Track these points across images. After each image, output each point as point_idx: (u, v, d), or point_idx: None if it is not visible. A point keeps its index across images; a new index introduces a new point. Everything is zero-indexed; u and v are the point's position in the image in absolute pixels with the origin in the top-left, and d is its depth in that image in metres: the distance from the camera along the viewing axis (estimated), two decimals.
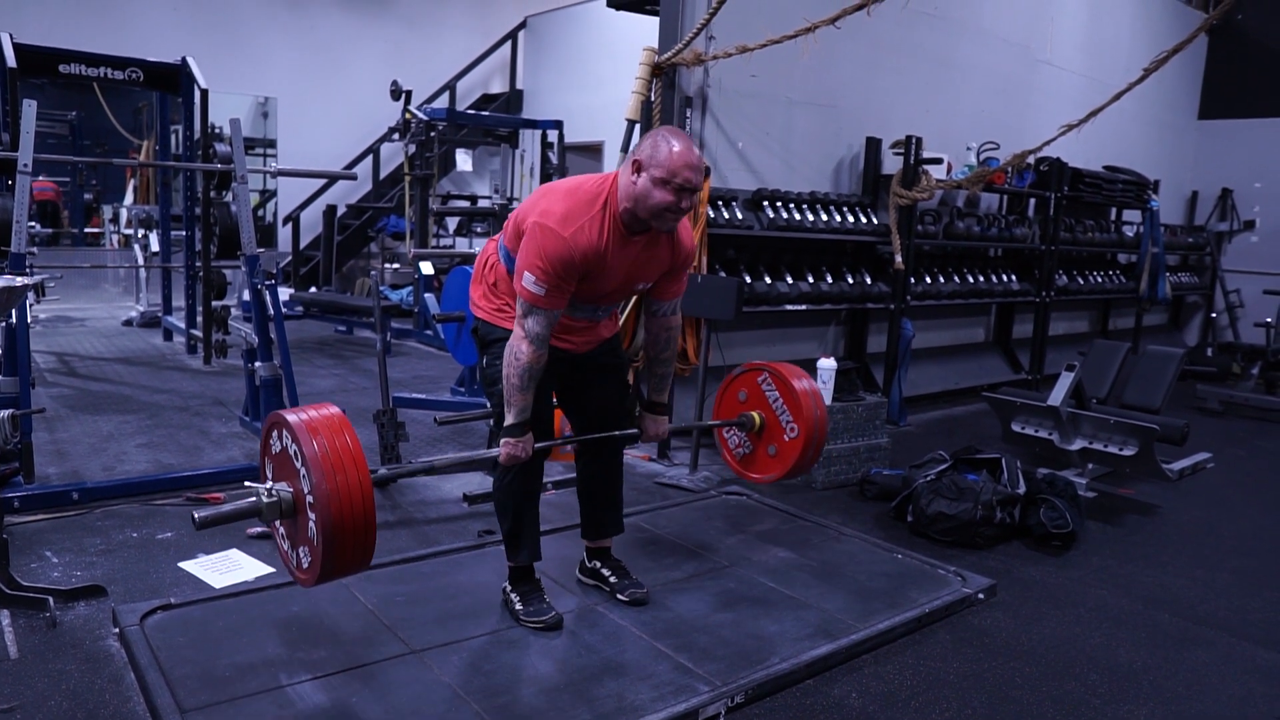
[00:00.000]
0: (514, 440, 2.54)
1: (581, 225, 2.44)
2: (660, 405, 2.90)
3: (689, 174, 2.40)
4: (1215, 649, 2.91)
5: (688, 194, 2.43)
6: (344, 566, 2.16)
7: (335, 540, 2.07)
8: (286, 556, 2.30)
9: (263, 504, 2.17)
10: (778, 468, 3.26)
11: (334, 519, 2.06)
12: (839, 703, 2.46)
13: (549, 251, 2.41)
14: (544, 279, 2.42)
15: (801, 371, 3.26)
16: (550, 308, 2.46)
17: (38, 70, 5.83)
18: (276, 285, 4.29)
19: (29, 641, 2.53)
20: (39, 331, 7.16)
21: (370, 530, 2.13)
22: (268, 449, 2.29)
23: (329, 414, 2.18)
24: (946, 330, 6.82)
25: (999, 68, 6.72)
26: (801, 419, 3.14)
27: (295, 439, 2.12)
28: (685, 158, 2.40)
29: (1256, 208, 9.09)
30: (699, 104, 4.83)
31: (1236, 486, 4.87)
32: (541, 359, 2.50)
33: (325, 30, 9.98)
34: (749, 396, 3.31)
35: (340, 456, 2.09)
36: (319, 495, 2.06)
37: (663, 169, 2.39)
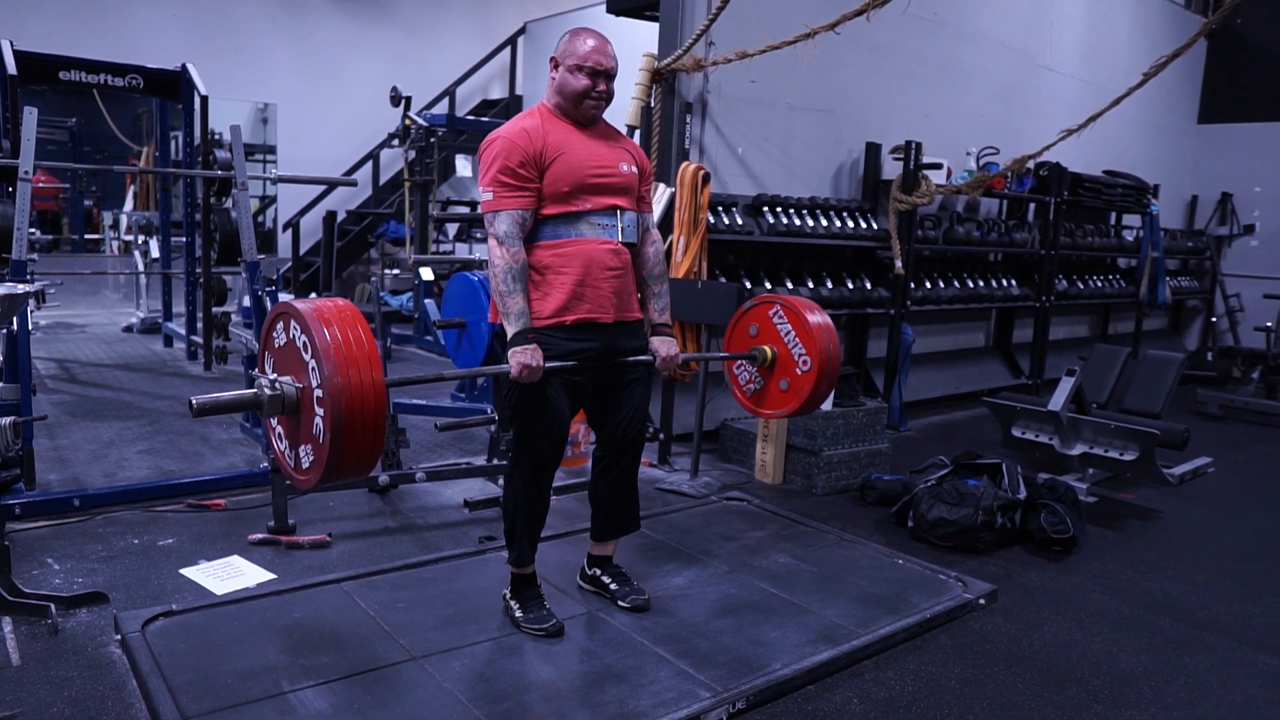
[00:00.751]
0: (521, 348, 2.50)
1: (520, 121, 2.62)
2: (666, 326, 2.87)
3: (598, 58, 2.59)
4: (1217, 654, 2.91)
5: (602, 77, 2.61)
6: (349, 467, 2.06)
7: (344, 437, 1.98)
8: (283, 456, 2.21)
9: (265, 395, 2.09)
10: (791, 401, 3.15)
11: (345, 414, 1.96)
12: (840, 709, 2.46)
13: (492, 152, 2.55)
14: (494, 178, 2.53)
15: (814, 305, 3.17)
16: (511, 206, 2.53)
17: (38, 77, 5.85)
18: (277, 291, 4.29)
19: (31, 648, 2.52)
20: (39, 338, 7.17)
21: (380, 432, 2.04)
22: (269, 343, 2.20)
23: (341, 304, 2.09)
24: (946, 335, 6.82)
25: (998, 73, 6.73)
26: (814, 350, 3.04)
27: (305, 328, 2.02)
28: (597, 45, 2.61)
29: (1256, 212, 9.11)
30: (699, 110, 4.84)
31: (1237, 491, 4.87)
32: (519, 257, 2.53)
33: (325, 36, 9.99)
34: (760, 330, 3.21)
35: (354, 349, 2.00)
36: (330, 388, 1.96)
37: (575, 57, 2.59)
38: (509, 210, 2.53)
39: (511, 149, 2.53)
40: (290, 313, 2.10)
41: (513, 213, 2.53)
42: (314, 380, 2.03)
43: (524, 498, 2.70)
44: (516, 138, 2.55)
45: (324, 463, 2.03)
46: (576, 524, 3.54)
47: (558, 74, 2.63)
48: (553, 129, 2.61)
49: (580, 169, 2.59)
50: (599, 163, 2.64)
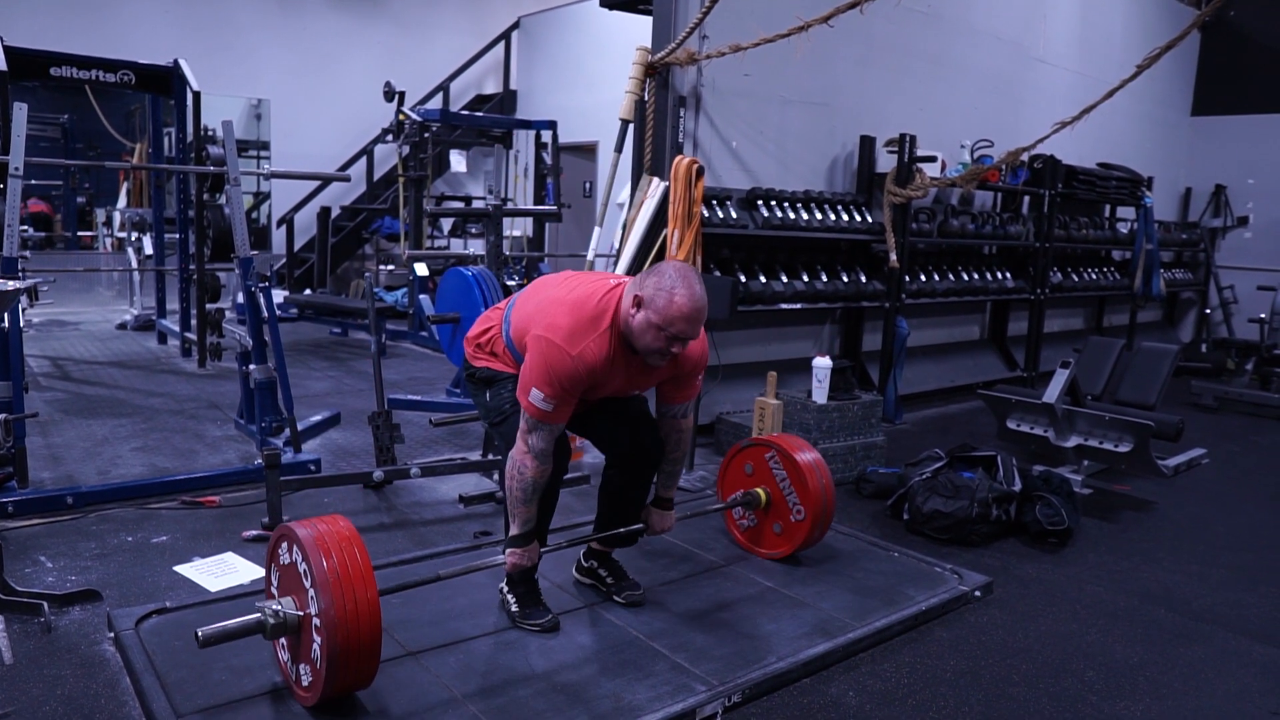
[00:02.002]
0: (520, 550, 2.60)
1: (587, 344, 2.44)
2: (668, 501, 2.93)
3: (684, 326, 2.38)
4: (1211, 644, 2.92)
5: (679, 343, 2.43)
6: (346, 683, 2.17)
7: (339, 662, 2.09)
8: (287, 672, 2.30)
9: (267, 622, 2.19)
10: (784, 546, 3.29)
11: (339, 640, 2.07)
12: (836, 701, 2.46)
13: (556, 369, 2.41)
14: (552, 395, 2.43)
15: (805, 443, 3.28)
16: (556, 422, 2.49)
17: (29, 73, 5.81)
18: (270, 288, 4.28)
19: (24, 646, 2.52)
20: (32, 336, 7.14)
21: (375, 652, 2.15)
22: (275, 560, 2.30)
23: (339, 528, 2.20)
24: (941, 328, 6.83)
25: (992, 65, 6.73)
26: (809, 501, 3.17)
27: (304, 554, 2.14)
28: (684, 310, 2.37)
29: (1250, 204, 9.12)
30: (692, 103, 4.83)
31: (1231, 482, 4.88)
32: (545, 474, 2.53)
33: (318, 32, 9.96)
34: (755, 470, 3.34)
35: (350, 576, 2.10)
36: (326, 616, 2.07)
37: (660, 316, 2.38)
38: (554, 425, 2.49)
39: (576, 379, 2.43)
40: (291, 537, 2.20)
41: (555, 428, 2.50)
42: (312, 607, 2.13)
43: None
44: (586, 370, 2.43)
45: (320, 686, 2.14)
46: (572, 518, 3.53)
47: (637, 315, 2.41)
48: (615, 358, 2.50)
49: (608, 391, 2.60)
50: (628, 386, 2.64)
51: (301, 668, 2.22)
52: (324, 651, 2.09)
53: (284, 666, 2.32)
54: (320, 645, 2.10)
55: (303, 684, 2.22)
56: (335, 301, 8.07)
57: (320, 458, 4.18)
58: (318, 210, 9.10)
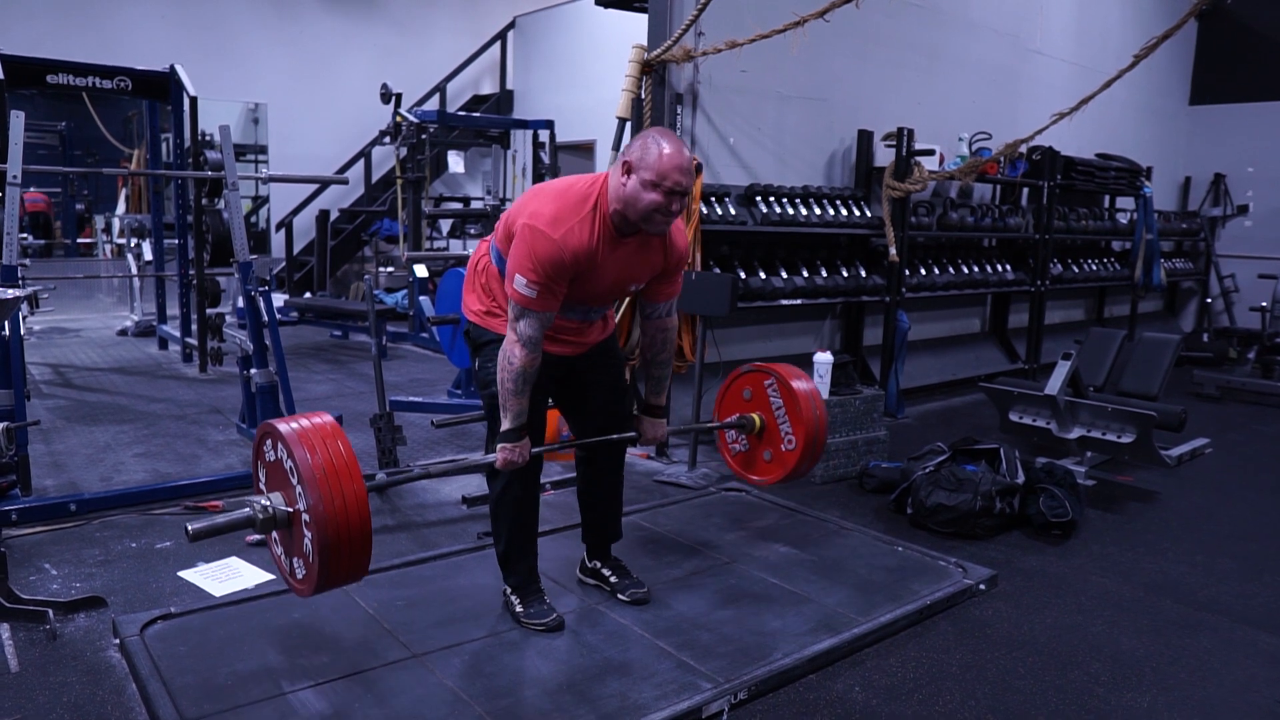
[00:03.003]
0: (510, 445, 2.54)
1: (572, 226, 2.42)
2: (658, 408, 2.89)
3: (678, 176, 2.38)
4: (1217, 634, 2.92)
5: (677, 197, 2.41)
6: (340, 577, 2.17)
7: (330, 553, 2.08)
8: (282, 565, 2.31)
9: (257, 517, 2.19)
10: (775, 473, 3.27)
11: (329, 532, 2.06)
12: (842, 697, 2.46)
13: (540, 253, 2.39)
14: (535, 281, 2.40)
15: (802, 372, 3.25)
16: (542, 310, 2.45)
17: (25, 81, 5.81)
18: (270, 291, 4.28)
19: (29, 654, 2.52)
20: (33, 343, 7.14)
21: (366, 541, 2.14)
22: (261, 457, 2.30)
23: (321, 423, 2.18)
24: (942, 321, 6.82)
25: (989, 58, 6.71)
26: (801, 431, 3.14)
27: (288, 450, 2.12)
28: (675, 160, 2.37)
29: (1249, 192, 9.10)
30: (689, 100, 4.82)
31: (1235, 471, 4.87)
32: (535, 362, 2.49)
33: (314, 35, 9.96)
34: (753, 395, 3.30)
35: (334, 467, 2.09)
36: (313, 508, 2.07)
37: (652, 171, 2.37)
38: (541, 313, 2.46)
39: (562, 263, 2.41)
40: (274, 433, 2.20)
41: (543, 315, 2.46)
42: (301, 503, 2.13)
43: (513, 500, 2.70)
44: (569, 254, 2.41)
45: (315, 579, 2.14)
46: (574, 518, 3.52)
47: (629, 182, 2.40)
48: (602, 246, 2.48)
49: (590, 291, 2.55)
50: (620, 282, 2.59)
51: (295, 561, 2.22)
52: (315, 545, 2.08)
53: (279, 561, 2.32)
54: (311, 540, 2.10)
55: (298, 577, 2.23)
56: (335, 304, 8.08)
57: None
58: (316, 213, 9.10)
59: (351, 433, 4.84)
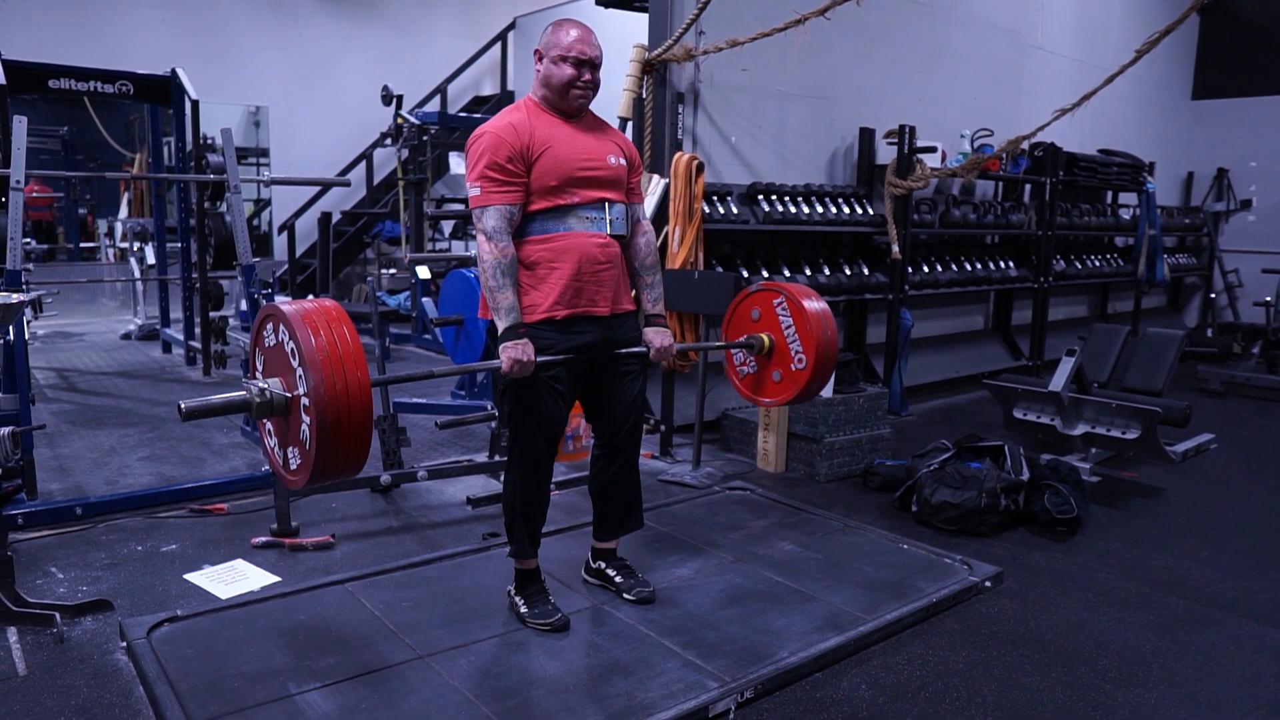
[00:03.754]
0: (511, 343, 2.49)
1: (502, 116, 2.60)
2: (659, 317, 2.86)
3: (582, 47, 2.59)
4: (1224, 630, 2.91)
5: (587, 66, 2.60)
6: (336, 467, 2.09)
7: (329, 439, 2.01)
8: (274, 457, 2.25)
9: (254, 400, 2.12)
10: (784, 393, 3.17)
11: (329, 416, 1.99)
12: (848, 695, 2.46)
13: (480, 147, 2.53)
14: (480, 174, 2.51)
15: (812, 292, 3.17)
16: (499, 202, 2.52)
17: (28, 86, 5.82)
18: (273, 294, 4.28)
19: (36, 658, 2.52)
20: (37, 348, 7.16)
21: (366, 433, 2.07)
22: (260, 342, 2.23)
23: (327, 306, 2.11)
24: (945, 319, 6.81)
25: (990, 54, 6.71)
26: (811, 349, 3.04)
27: (291, 331, 2.05)
28: (581, 35, 2.60)
29: (1253, 186, 9.09)
30: (691, 99, 4.82)
31: (1240, 466, 4.86)
32: (507, 252, 2.52)
33: (314, 37, 9.96)
34: (762, 316, 3.20)
35: (338, 351, 2.02)
36: (314, 391, 1.99)
37: (559, 48, 2.58)
38: (497, 205, 2.52)
39: (499, 144, 2.51)
40: (277, 315, 2.12)
41: (501, 208, 2.52)
42: (301, 387, 2.06)
43: (522, 491, 2.69)
44: (503, 132, 2.53)
45: (310, 467, 2.07)
46: (580, 518, 3.53)
47: (542, 66, 2.62)
48: (539, 123, 2.59)
49: (567, 162, 2.58)
50: (586, 155, 2.63)
51: (290, 451, 2.15)
52: (314, 431, 2.01)
53: (271, 453, 2.27)
54: (310, 425, 2.03)
55: (290, 467, 2.16)
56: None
57: None
58: (318, 216, 9.06)
59: None
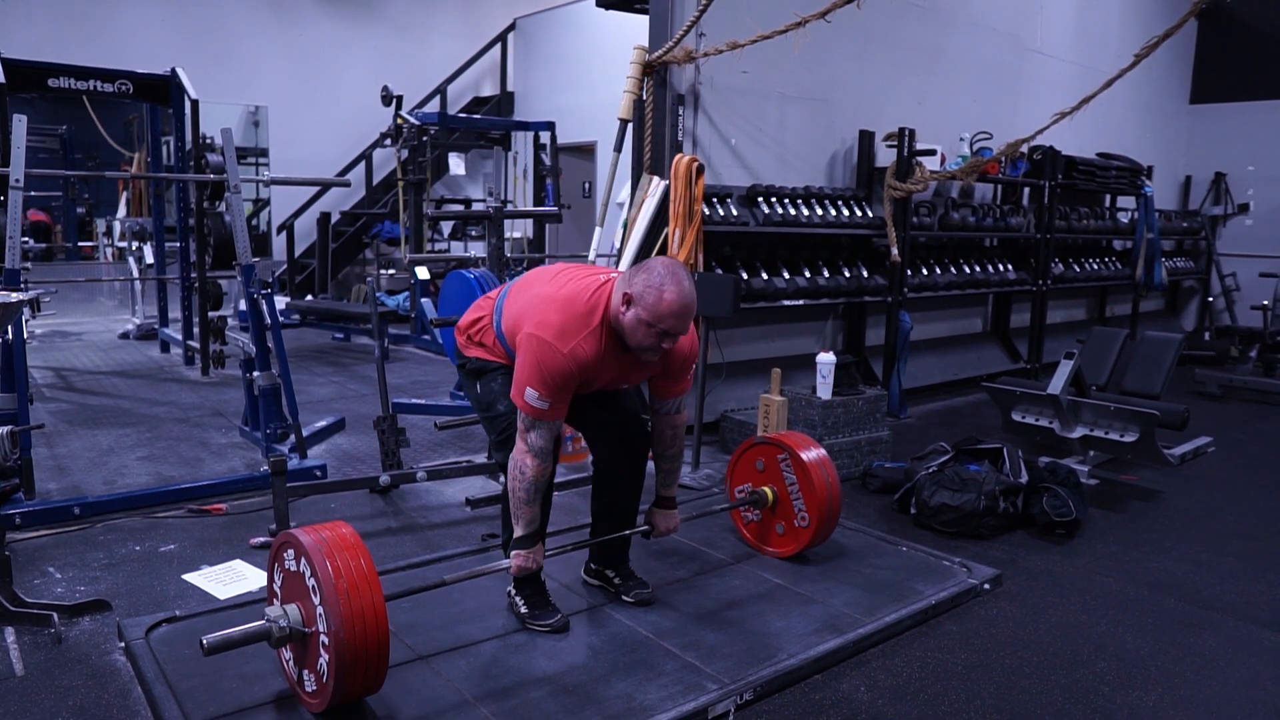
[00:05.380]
0: (524, 552, 2.58)
1: (579, 340, 2.45)
2: (669, 499, 2.91)
3: (673, 322, 2.40)
4: (1222, 633, 2.92)
5: (670, 338, 2.45)
6: (354, 692, 2.16)
7: (348, 677, 2.08)
8: (289, 673, 2.30)
9: (272, 629, 2.17)
10: (787, 547, 3.29)
11: (349, 657, 2.06)
12: (847, 697, 2.46)
13: (548, 366, 2.42)
14: (546, 394, 2.44)
15: (812, 441, 3.30)
16: (553, 419, 2.50)
17: (27, 85, 5.82)
18: (272, 294, 4.28)
19: (34, 658, 2.52)
20: (36, 347, 7.15)
21: (383, 657, 2.13)
22: (280, 562, 2.28)
23: (343, 535, 2.18)
24: (944, 321, 6.82)
25: (990, 58, 6.72)
26: (814, 510, 3.17)
27: (313, 569, 2.11)
28: (673, 306, 2.38)
29: (1250, 191, 9.10)
30: (691, 101, 4.82)
31: (1238, 470, 4.87)
32: (546, 471, 2.53)
33: (314, 38, 9.96)
34: (766, 467, 3.34)
35: (357, 588, 2.08)
36: (334, 633, 2.05)
37: (650, 313, 2.39)
38: (549, 423, 2.49)
39: (569, 373, 2.44)
40: (294, 544, 2.18)
41: (553, 425, 2.51)
42: (320, 625, 2.11)
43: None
44: (577, 364, 2.44)
45: (328, 696, 2.13)
46: (579, 519, 3.53)
47: (628, 313, 2.43)
48: (604, 355, 2.50)
49: (595, 387, 2.59)
50: (619, 380, 2.63)
51: (306, 674, 2.21)
52: (332, 668, 2.08)
53: (287, 669, 2.31)
54: (328, 662, 2.09)
55: (308, 690, 2.22)
56: (337, 307, 8.08)
57: (326, 463, 4.18)
58: (317, 216, 9.11)
59: (355, 435, 4.86)
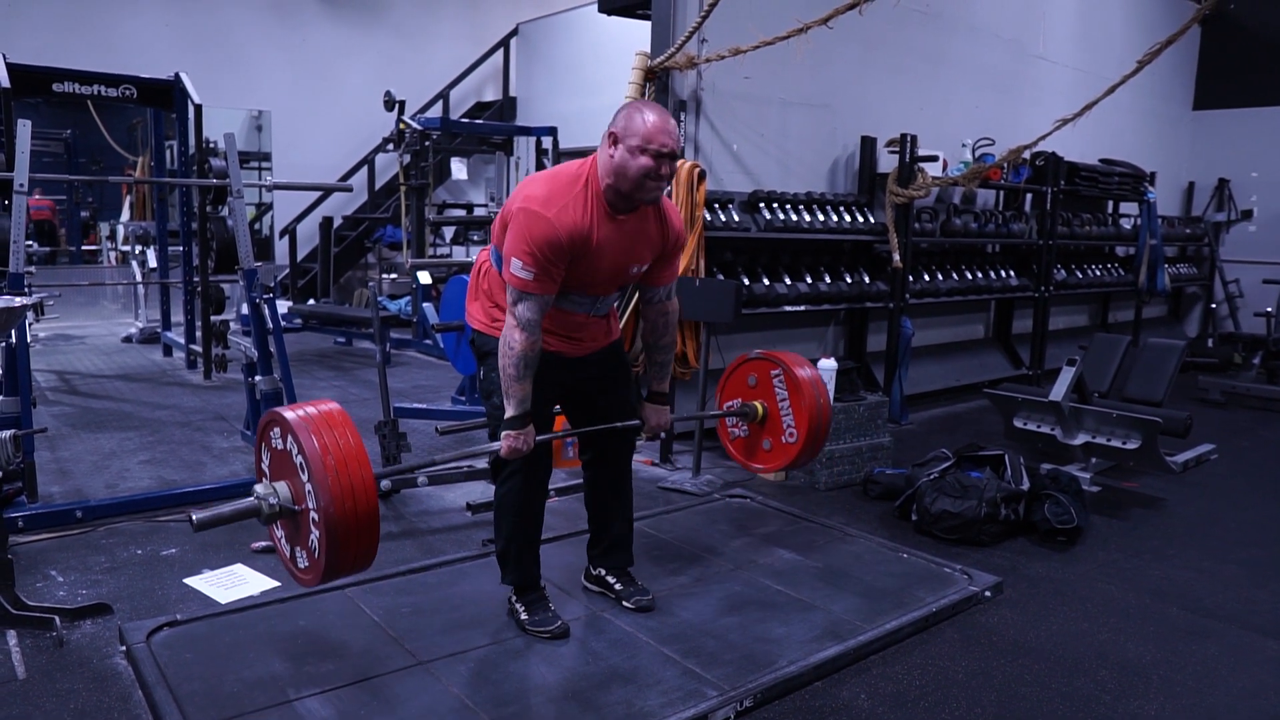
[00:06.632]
0: (515, 432, 2.51)
1: (565, 204, 2.44)
2: (662, 395, 2.87)
3: (664, 139, 2.42)
4: (1224, 641, 2.91)
5: (666, 159, 2.44)
6: (345, 568, 2.15)
7: (338, 549, 2.07)
8: (284, 551, 2.29)
9: (262, 506, 2.17)
10: (771, 462, 3.28)
11: (338, 530, 2.05)
12: (848, 705, 2.45)
13: (534, 234, 2.40)
14: (532, 262, 2.41)
15: (814, 373, 3.23)
16: (540, 292, 2.45)
17: (32, 90, 5.83)
18: (275, 298, 4.29)
19: (36, 661, 2.52)
20: (39, 350, 7.16)
21: (373, 531, 2.11)
22: (267, 441, 2.27)
23: (328, 410, 2.15)
24: (946, 327, 6.82)
25: (992, 63, 6.72)
26: (803, 424, 3.13)
27: (298, 444, 2.10)
28: (659, 124, 2.42)
29: (1253, 197, 9.10)
30: (693, 107, 4.83)
31: (1241, 477, 4.86)
32: (535, 346, 2.48)
33: (317, 43, 9.98)
34: (758, 383, 3.28)
35: (345, 463, 2.06)
36: (323, 508, 2.05)
37: (638, 137, 2.41)
38: (537, 296, 2.45)
39: (557, 244, 2.41)
40: (279, 421, 2.18)
41: (541, 299, 2.46)
42: (309, 502, 2.10)
43: (517, 508, 2.69)
44: (564, 233, 2.41)
45: (320, 571, 2.14)
46: (578, 525, 3.52)
47: (617, 152, 2.44)
48: (596, 227, 2.48)
49: (590, 274, 2.54)
50: (612, 268, 2.57)
51: (298, 551, 2.21)
52: (323, 544, 2.08)
53: (280, 547, 2.31)
54: (319, 538, 2.09)
55: (300, 566, 2.21)
56: (339, 311, 8.08)
57: None
58: (320, 220, 9.12)
59: None
